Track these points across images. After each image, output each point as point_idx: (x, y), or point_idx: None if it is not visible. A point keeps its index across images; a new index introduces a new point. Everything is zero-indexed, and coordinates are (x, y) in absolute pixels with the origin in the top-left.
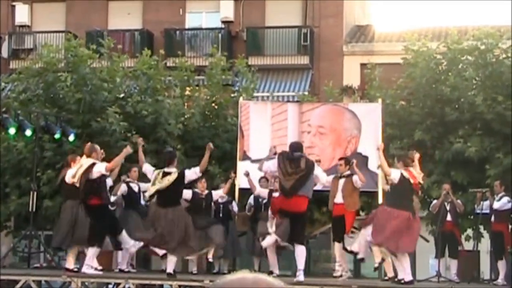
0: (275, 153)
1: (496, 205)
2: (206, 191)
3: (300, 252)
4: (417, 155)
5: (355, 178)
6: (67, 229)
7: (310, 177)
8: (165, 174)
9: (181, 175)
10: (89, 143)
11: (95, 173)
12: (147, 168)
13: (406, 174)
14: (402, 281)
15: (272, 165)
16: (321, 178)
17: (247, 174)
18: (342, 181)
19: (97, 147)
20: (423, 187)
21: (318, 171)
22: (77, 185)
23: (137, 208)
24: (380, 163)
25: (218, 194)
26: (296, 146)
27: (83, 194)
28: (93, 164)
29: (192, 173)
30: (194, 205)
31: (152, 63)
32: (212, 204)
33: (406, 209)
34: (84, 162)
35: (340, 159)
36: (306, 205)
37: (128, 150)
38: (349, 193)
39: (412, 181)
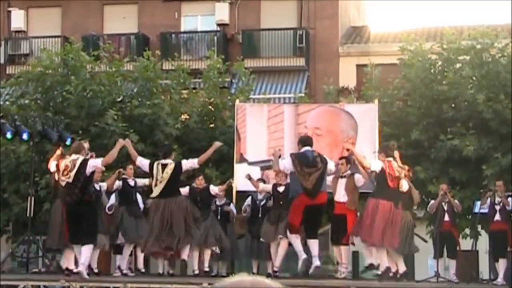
0: (280, 156)
1: None
2: (204, 185)
3: (315, 243)
4: (397, 153)
5: (357, 176)
6: (59, 229)
7: (326, 172)
8: (164, 166)
9: (178, 166)
10: (76, 141)
11: (90, 167)
12: (142, 161)
13: (385, 165)
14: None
15: (287, 164)
16: (331, 168)
17: (249, 178)
18: (343, 181)
19: (86, 144)
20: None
21: (330, 164)
22: (70, 181)
23: (131, 206)
24: (357, 160)
25: (214, 190)
26: (306, 140)
27: (78, 191)
28: (86, 160)
29: (189, 163)
30: (191, 200)
31: (151, 66)
32: (211, 200)
33: (389, 198)
34: (74, 159)
35: (341, 158)
36: (326, 198)
37: (121, 142)
38: (350, 191)
39: (389, 171)
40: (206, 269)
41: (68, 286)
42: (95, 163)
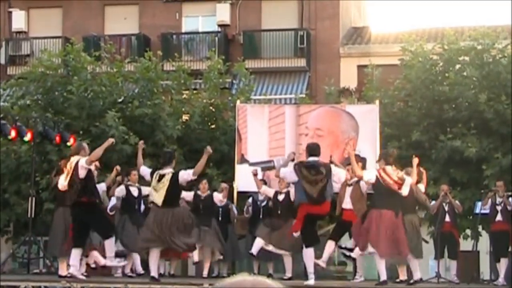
0: (293, 159)
1: None
2: (208, 192)
3: (311, 256)
4: (415, 160)
5: (362, 183)
6: (61, 237)
7: (330, 181)
8: (161, 177)
9: (174, 176)
10: (76, 142)
11: (80, 169)
12: (144, 170)
13: (381, 172)
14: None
15: (289, 174)
16: (341, 176)
17: (255, 174)
18: (349, 188)
19: (85, 145)
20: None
21: (336, 170)
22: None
23: (134, 214)
24: (352, 168)
25: (218, 198)
26: (314, 149)
27: (75, 194)
28: (77, 162)
29: (185, 174)
30: (194, 207)
31: (152, 66)
32: (214, 208)
33: (389, 207)
34: (71, 161)
35: (348, 164)
36: (330, 207)
37: (109, 141)
38: (357, 199)
39: (387, 179)
40: (205, 275)
41: (69, 286)
42: (81, 163)
